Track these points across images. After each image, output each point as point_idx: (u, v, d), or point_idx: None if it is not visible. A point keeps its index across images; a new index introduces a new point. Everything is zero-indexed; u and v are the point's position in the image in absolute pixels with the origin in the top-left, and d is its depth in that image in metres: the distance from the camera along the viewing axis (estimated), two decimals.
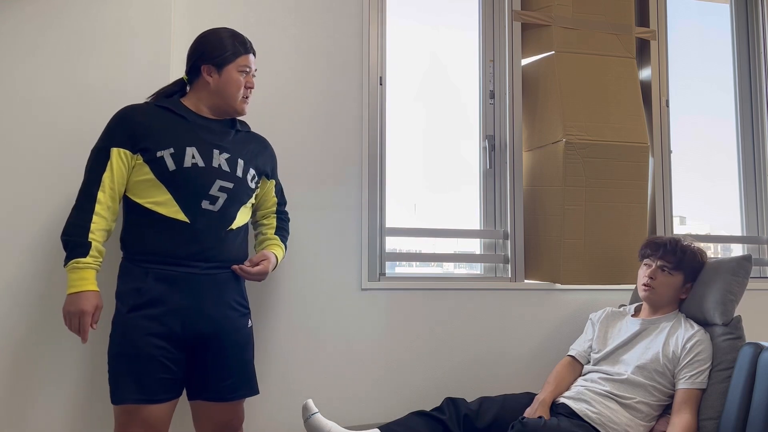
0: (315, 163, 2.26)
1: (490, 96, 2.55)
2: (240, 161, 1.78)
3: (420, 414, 1.89)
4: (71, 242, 1.61)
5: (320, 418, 1.81)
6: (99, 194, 1.64)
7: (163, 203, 1.67)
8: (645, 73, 2.67)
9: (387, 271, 2.37)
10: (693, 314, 2.01)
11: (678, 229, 2.75)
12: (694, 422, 1.81)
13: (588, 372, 2.03)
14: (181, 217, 1.67)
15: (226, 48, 1.77)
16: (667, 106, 2.66)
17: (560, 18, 2.48)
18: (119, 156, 1.67)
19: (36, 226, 1.94)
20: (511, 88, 2.49)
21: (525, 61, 2.54)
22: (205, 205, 1.70)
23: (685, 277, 2.03)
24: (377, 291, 2.27)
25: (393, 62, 2.50)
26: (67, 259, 1.61)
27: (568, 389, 2.00)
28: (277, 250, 1.92)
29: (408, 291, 2.31)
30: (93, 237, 1.61)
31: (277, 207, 2.00)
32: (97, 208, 1.63)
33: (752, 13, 2.93)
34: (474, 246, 2.57)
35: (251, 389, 1.81)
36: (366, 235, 2.27)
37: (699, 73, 2.91)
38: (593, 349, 2.08)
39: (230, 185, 1.74)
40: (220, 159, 1.74)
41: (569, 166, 2.35)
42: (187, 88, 1.83)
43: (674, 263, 2.01)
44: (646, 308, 2.08)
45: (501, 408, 1.92)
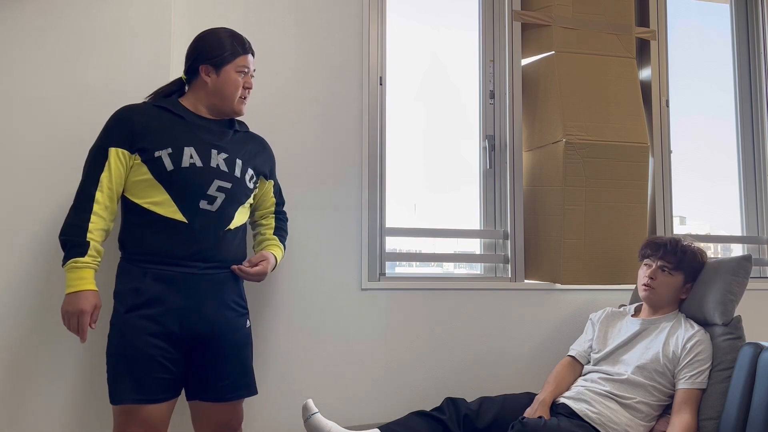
0: (315, 163, 2.26)
1: (490, 96, 2.55)
2: (238, 161, 1.78)
3: (420, 414, 1.88)
4: (69, 242, 1.61)
5: (320, 418, 1.81)
6: (97, 194, 1.64)
7: (161, 203, 1.67)
8: (645, 73, 2.67)
9: (387, 271, 2.37)
10: (693, 314, 2.00)
11: (678, 229, 2.74)
12: (694, 422, 1.80)
13: (588, 372, 2.03)
14: (179, 217, 1.67)
15: (224, 48, 1.76)
16: (667, 106, 2.66)
17: (560, 18, 2.48)
18: (117, 156, 1.66)
19: (36, 226, 1.94)
20: (511, 88, 2.49)
21: (525, 61, 2.54)
22: (203, 205, 1.69)
23: (685, 278, 2.03)
24: (377, 291, 2.27)
25: (393, 62, 2.50)
26: (66, 259, 1.61)
27: (568, 389, 2.00)
28: (276, 250, 1.91)
29: (408, 291, 2.31)
30: (91, 237, 1.61)
31: (275, 207, 1.99)
32: (95, 207, 1.63)
33: (752, 13, 2.93)
34: (474, 246, 2.57)
35: (250, 389, 1.80)
36: (366, 235, 2.27)
37: (699, 73, 2.91)
38: (593, 349, 2.08)
39: (228, 185, 1.73)
40: (218, 159, 1.74)
41: (569, 166, 2.35)
42: (186, 88, 1.83)
43: (674, 263, 2.01)
44: (646, 308, 2.08)
45: (501, 408, 1.92)
